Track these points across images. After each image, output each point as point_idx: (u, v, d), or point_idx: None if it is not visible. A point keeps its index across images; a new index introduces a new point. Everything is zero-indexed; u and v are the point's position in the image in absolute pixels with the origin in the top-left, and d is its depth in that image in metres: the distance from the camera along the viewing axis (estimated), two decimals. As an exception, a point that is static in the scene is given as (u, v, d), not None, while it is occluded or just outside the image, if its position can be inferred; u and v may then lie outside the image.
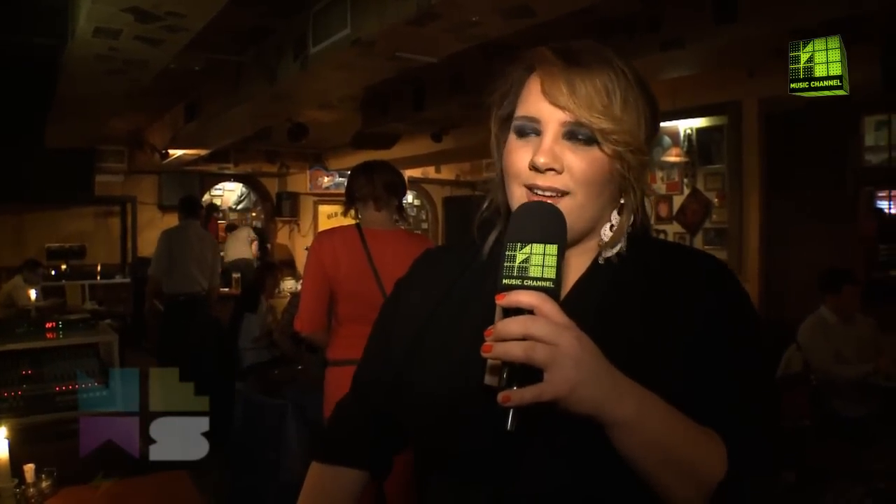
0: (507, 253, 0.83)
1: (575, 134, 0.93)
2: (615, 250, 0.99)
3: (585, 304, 0.96)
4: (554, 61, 0.94)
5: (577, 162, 0.92)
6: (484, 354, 0.80)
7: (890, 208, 6.59)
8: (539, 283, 0.81)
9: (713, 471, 0.86)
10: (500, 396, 0.77)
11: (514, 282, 0.81)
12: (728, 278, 0.99)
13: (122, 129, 8.08)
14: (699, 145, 5.95)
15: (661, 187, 6.25)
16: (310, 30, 4.11)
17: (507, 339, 0.78)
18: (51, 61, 4.73)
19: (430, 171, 11.71)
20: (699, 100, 5.60)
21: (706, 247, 5.88)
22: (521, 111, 0.97)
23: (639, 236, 1.01)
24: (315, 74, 4.37)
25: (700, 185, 5.99)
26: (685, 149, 6.00)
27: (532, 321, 0.78)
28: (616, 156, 0.93)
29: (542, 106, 0.94)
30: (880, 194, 6.57)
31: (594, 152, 0.93)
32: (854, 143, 5.87)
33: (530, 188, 0.94)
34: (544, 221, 0.85)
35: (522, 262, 0.82)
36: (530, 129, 0.95)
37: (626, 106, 0.93)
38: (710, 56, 4.26)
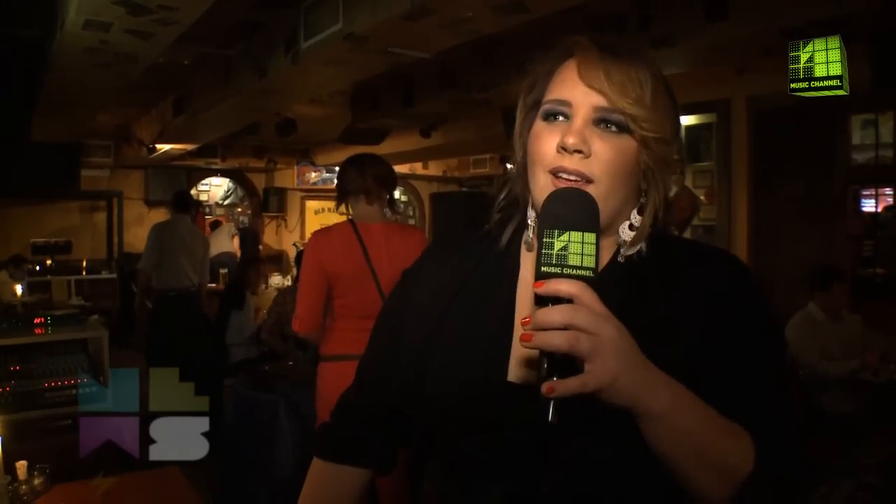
0: (544, 240, 0.81)
1: (605, 120, 0.93)
2: (636, 249, 0.99)
3: (605, 300, 0.96)
4: (591, 48, 0.95)
5: (605, 149, 0.92)
6: (523, 344, 0.78)
7: (876, 206, 6.67)
8: (579, 272, 0.79)
9: (741, 464, 0.87)
10: (544, 387, 0.76)
11: (553, 269, 0.80)
12: (749, 277, 1.00)
13: (109, 124, 8.00)
14: (688, 143, 5.97)
15: (649, 184, 6.26)
16: (301, 24, 4.08)
17: (547, 329, 0.77)
18: (39, 54, 4.68)
19: (418, 167, 11.70)
20: (688, 97, 5.59)
21: (694, 244, 5.90)
22: (552, 95, 0.97)
23: (658, 233, 1.01)
24: (306, 69, 4.34)
25: (689, 183, 5.98)
26: (674, 146, 6.02)
27: (575, 310, 0.77)
28: (644, 144, 0.93)
29: (577, 90, 0.94)
30: (866, 192, 6.65)
31: (623, 141, 0.93)
32: (841, 142, 5.92)
33: (555, 172, 0.93)
34: (580, 209, 0.84)
35: (561, 249, 0.80)
36: (559, 113, 0.95)
37: (654, 99, 0.94)
38: (701, 54, 4.27)
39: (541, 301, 0.79)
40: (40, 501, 2.10)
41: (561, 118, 0.95)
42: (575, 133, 0.92)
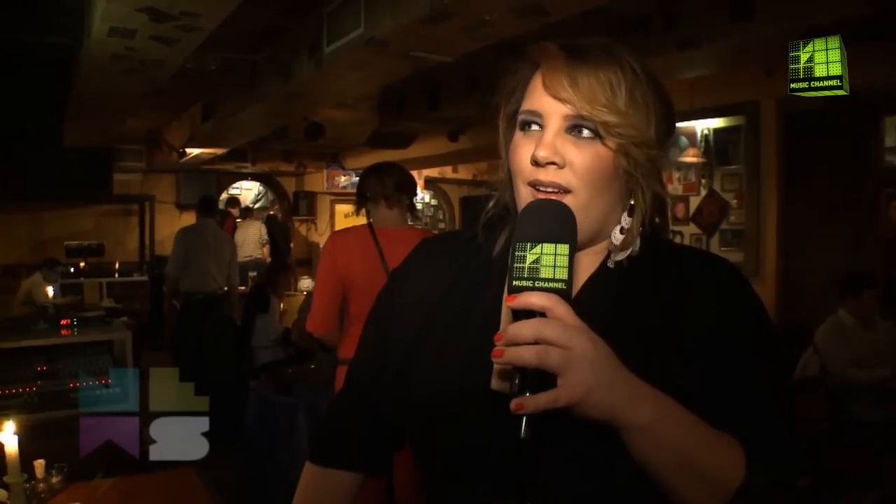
0: (516, 253, 0.80)
1: (578, 127, 0.90)
2: (626, 253, 0.96)
3: (593, 307, 0.92)
4: (557, 55, 0.92)
5: (580, 156, 0.90)
6: (495, 360, 0.77)
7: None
8: (551, 285, 0.78)
9: (731, 476, 0.84)
10: (513, 404, 0.75)
11: (524, 283, 0.78)
12: (742, 283, 0.97)
13: (140, 129, 8.15)
14: (716, 145, 5.89)
15: (677, 188, 6.20)
16: (324, 29, 4.12)
17: (518, 343, 0.76)
18: (68, 61, 4.78)
19: (448, 171, 11.70)
20: (716, 100, 5.54)
21: (723, 248, 5.82)
22: (524, 106, 0.95)
23: (649, 238, 0.98)
24: (330, 74, 4.37)
25: (717, 186, 5.93)
26: (702, 149, 5.94)
27: (545, 324, 0.76)
28: (621, 150, 0.90)
29: (545, 100, 0.91)
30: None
31: (598, 147, 0.90)
32: (874, 144, 5.78)
33: (534, 185, 0.91)
34: (554, 220, 0.82)
35: (533, 262, 0.79)
36: (533, 124, 0.93)
37: (632, 101, 0.90)
38: (727, 55, 4.21)
39: (516, 315, 0.78)
40: (57, 500, 2.12)
41: (535, 127, 0.93)
42: (546, 145, 0.89)
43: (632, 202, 0.95)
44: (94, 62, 4.03)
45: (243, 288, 7.84)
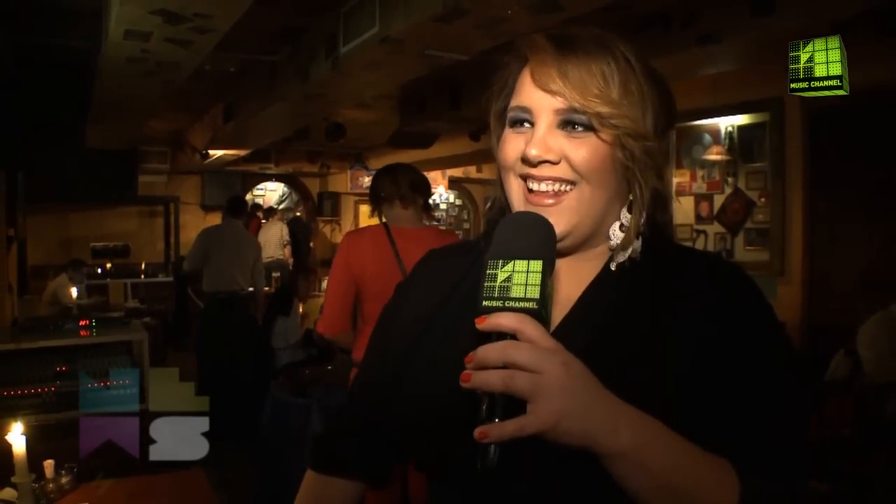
0: (487, 271, 0.76)
1: (571, 122, 0.86)
2: (628, 253, 0.92)
3: (592, 316, 0.90)
4: (545, 47, 0.88)
5: (575, 150, 0.86)
6: (463, 385, 0.73)
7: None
8: (521, 304, 0.73)
9: (723, 501, 0.79)
10: (477, 432, 0.70)
11: (494, 303, 0.74)
12: (749, 290, 0.92)
13: (164, 130, 8.22)
14: (741, 143, 5.81)
15: (701, 186, 6.12)
16: (340, 29, 4.12)
17: (486, 367, 0.72)
18: (90, 64, 4.84)
19: (472, 171, 11.67)
20: (740, 96, 5.46)
21: (747, 247, 5.74)
22: (513, 102, 0.91)
23: (651, 239, 0.94)
24: (347, 73, 4.37)
25: (742, 184, 5.84)
26: (726, 146, 5.86)
27: (513, 347, 0.72)
28: (617, 143, 0.86)
29: (534, 94, 0.88)
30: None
31: (593, 140, 0.86)
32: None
33: (525, 178, 0.88)
34: (530, 234, 0.79)
35: (504, 280, 0.75)
36: (523, 120, 0.89)
37: (626, 92, 0.86)
38: (749, 50, 4.14)
39: (487, 338, 0.74)
40: (66, 500, 2.13)
41: (526, 125, 0.90)
42: (537, 142, 0.86)
43: (631, 197, 0.91)
44: (111, 65, 4.07)
45: (268, 289, 7.89)
